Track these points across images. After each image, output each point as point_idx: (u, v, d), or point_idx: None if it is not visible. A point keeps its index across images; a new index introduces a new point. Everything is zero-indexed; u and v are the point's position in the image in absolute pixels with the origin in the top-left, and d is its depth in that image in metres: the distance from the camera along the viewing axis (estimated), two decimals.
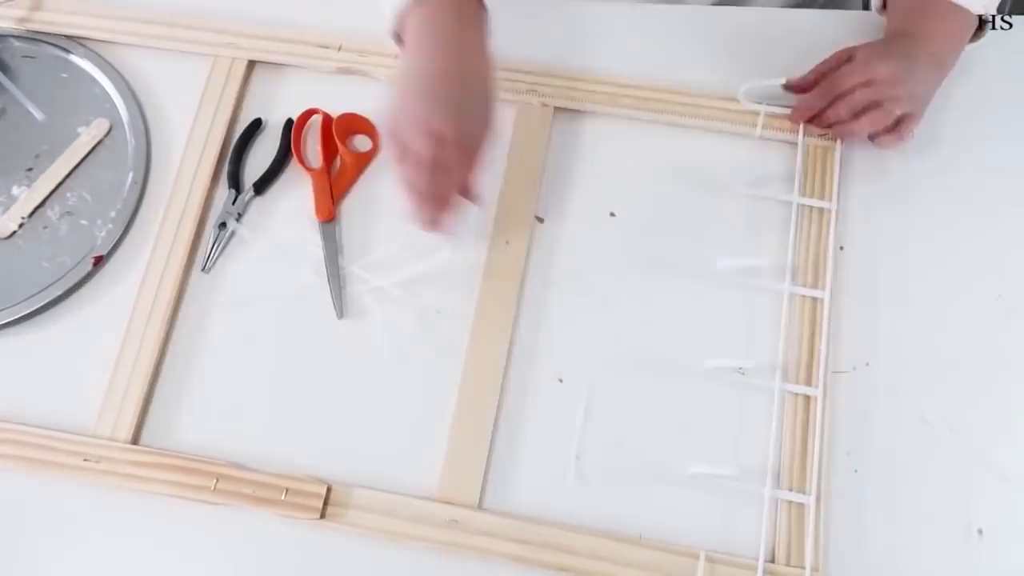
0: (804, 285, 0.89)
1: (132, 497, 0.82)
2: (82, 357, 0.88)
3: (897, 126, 0.88)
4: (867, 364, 0.86)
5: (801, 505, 0.81)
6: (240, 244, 0.93)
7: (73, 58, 1.02)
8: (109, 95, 1.01)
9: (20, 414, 0.85)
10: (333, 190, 0.94)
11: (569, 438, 0.85)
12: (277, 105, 1.00)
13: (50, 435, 0.83)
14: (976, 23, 0.88)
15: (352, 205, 0.95)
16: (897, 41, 0.89)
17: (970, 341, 0.87)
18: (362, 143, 0.98)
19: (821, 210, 0.92)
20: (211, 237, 0.92)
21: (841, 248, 0.90)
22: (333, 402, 0.87)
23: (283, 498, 0.80)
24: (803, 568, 0.79)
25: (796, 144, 0.94)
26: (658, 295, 0.90)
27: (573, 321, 0.89)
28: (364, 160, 0.97)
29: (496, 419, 0.85)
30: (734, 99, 0.96)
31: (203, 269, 0.91)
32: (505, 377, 0.86)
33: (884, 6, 0.94)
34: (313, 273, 0.91)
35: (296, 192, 0.95)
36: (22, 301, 0.90)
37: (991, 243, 0.90)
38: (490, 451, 0.84)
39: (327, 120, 0.97)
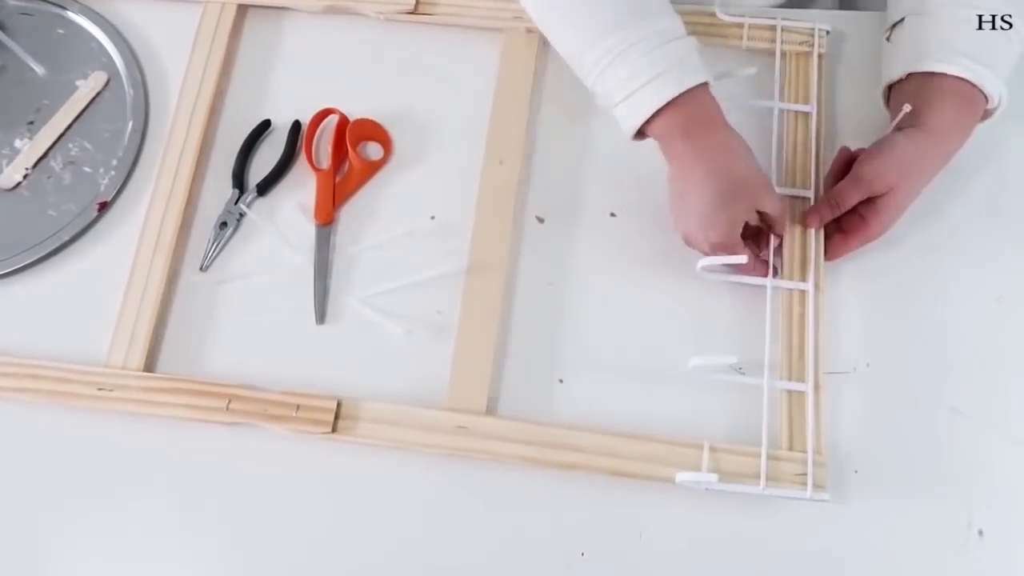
0: (792, 186, 0.87)
1: (147, 423, 0.81)
2: (93, 298, 0.86)
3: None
4: (868, 364, 0.82)
5: (801, 394, 0.79)
6: (242, 237, 0.91)
7: (68, 14, 1.01)
8: (105, 49, 0.99)
9: (35, 353, 0.84)
10: (336, 194, 0.91)
11: (570, 342, 0.84)
12: (269, 47, 0.99)
13: (65, 367, 0.81)
14: (983, 104, 0.81)
15: (352, 211, 0.91)
16: (900, 144, 0.80)
17: (971, 342, 0.83)
18: (374, 151, 0.94)
19: (806, 114, 0.90)
20: (211, 236, 0.90)
21: None
22: (338, 324, 0.86)
23: (295, 414, 0.79)
24: (805, 452, 0.77)
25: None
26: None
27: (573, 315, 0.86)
28: (373, 168, 0.92)
29: (501, 326, 0.84)
30: (712, 13, 0.95)
31: (201, 268, 0.88)
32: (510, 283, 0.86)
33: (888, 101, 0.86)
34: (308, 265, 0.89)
35: (299, 195, 0.92)
36: (31, 247, 0.89)
37: (992, 243, 0.86)
38: (496, 358, 0.82)
39: (342, 122, 0.92)
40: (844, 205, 0.82)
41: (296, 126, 0.94)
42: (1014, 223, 0.87)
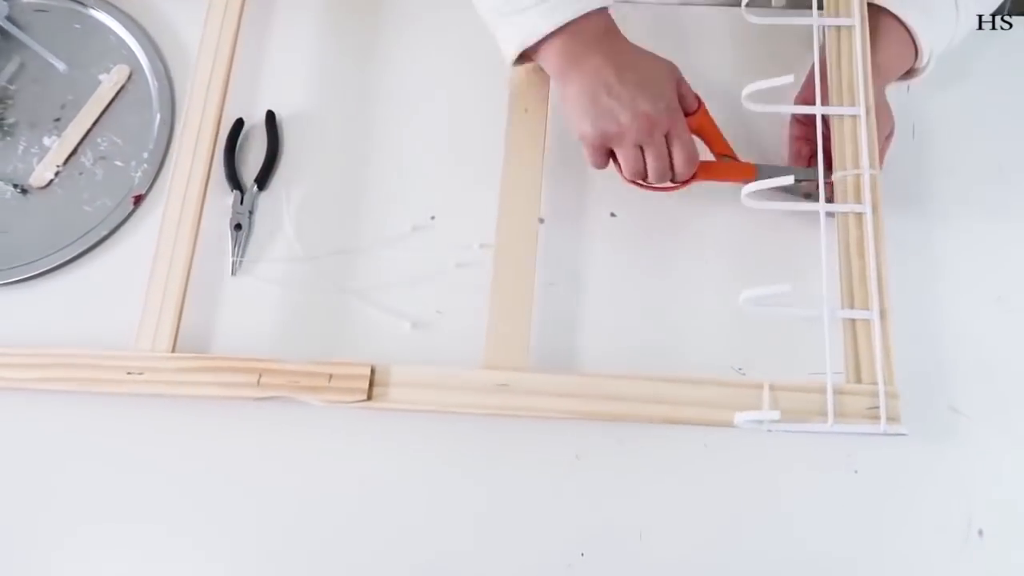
0: (840, 104, 0.77)
1: (175, 407, 0.75)
2: (134, 290, 0.80)
3: None
4: None
5: (865, 322, 0.70)
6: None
7: (84, 9, 0.96)
8: (125, 41, 0.94)
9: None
10: None
11: (612, 286, 0.79)
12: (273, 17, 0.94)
13: (93, 354, 0.75)
14: (912, 58, 0.80)
15: (353, 210, 0.86)
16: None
17: (971, 342, 0.77)
18: None
19: (848, 28, 0.80)
20: (231, 240, 0.84)
21: None
22: (338, 321, 0.80)
23: (328, 383, 0.71)
24: (875, 384, 0.67)
25: None
26: None
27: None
28: None
29: (536, 275, 0.76)
30: None
31: (232, 273, 0.83)
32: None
33: None
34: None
35: (297, 183, 0.87)
36: (69, 244, 0.84)
37: (991, 244, 0.81)
38: (534, 310, 0.75)
39: None
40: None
41: (272, 115, 0.89)
42: (1014, 223, 0.82)
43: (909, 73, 0.82)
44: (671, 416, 0.69)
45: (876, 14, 0.80)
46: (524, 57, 0.77)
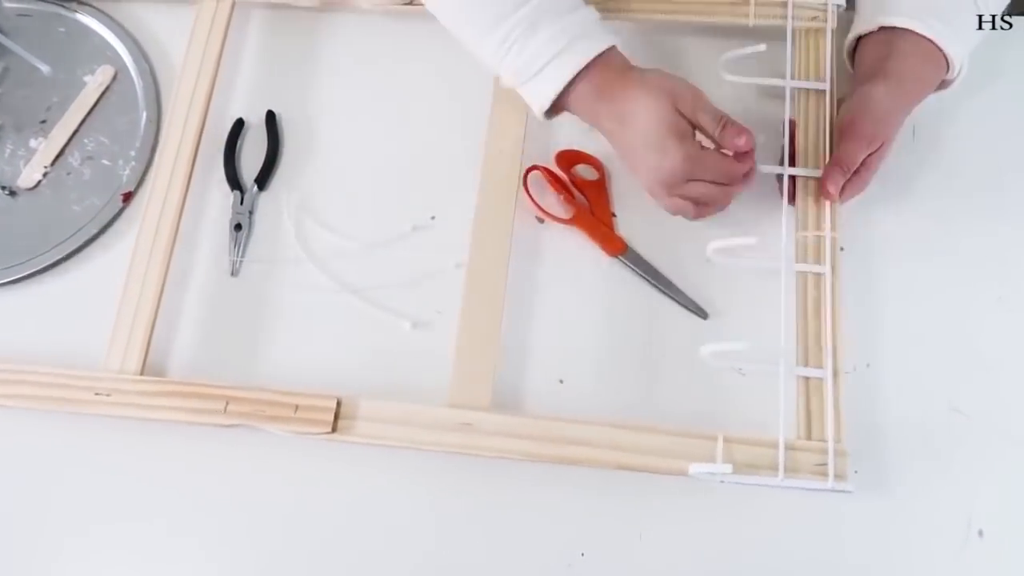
0: (804, 166, 0.77)
1: (144, 428, 0.75)
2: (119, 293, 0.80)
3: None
4: (868, 365, 0.75)
5: (819, 380, 0.70)
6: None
7: (67, 12, 0.95)
8: (109, 43, 0.94)
9: (65, 352, 0.78)
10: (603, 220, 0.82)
11: (578, 334, 0.78)
12: (261, 43, 0.94)
13: (61, 372, 0.75)
14: (944, 69, 0.76)
15: (353, 210, 0.85)
16: (881, 97, 0.75)
17: (971, 342, 0.76)
18: (588, 172, 0.84)
19: (818, 92, 0.80)
20: (229, 240, 0.84)
21: (842, 249, 0.77)
22: (338, 321, 0.80)
23: (294, 414, 0.72)
24: (824, 441, 0.68)
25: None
26: None
27: None
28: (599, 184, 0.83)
29: (503, 320, 0.76)
30: None
31: (232, 273, 0.82)
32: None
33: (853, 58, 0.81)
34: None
35: (298, 183, 0.86)
36: (60, 244, 0.84)
37: (992, 245, 0.79)
38: (500, 352, 0.75)
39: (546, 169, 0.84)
40: (854, 166, 0.74)
41: (272, 116, 0.88)
42: (1014, 223, 0.80)
43: (942, 84, 0.78)
44: (626, 463, 0.69)
45: (899, 35, 0.76)
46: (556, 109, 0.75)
